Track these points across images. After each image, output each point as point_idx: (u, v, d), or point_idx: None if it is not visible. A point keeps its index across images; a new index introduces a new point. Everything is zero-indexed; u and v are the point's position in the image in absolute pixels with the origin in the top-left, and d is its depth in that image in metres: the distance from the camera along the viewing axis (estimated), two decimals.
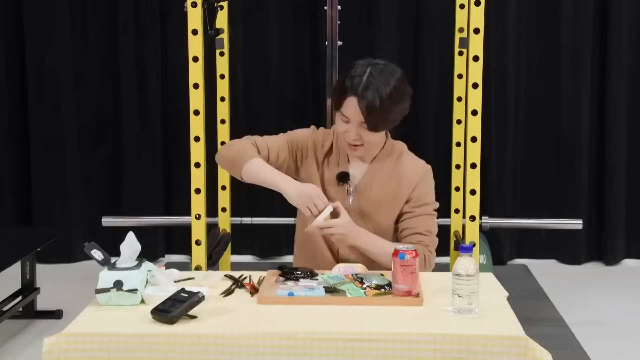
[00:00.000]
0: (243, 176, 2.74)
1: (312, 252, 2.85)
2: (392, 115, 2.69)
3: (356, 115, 2.66)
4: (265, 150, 2.80)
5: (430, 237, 2.78)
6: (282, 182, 2.66)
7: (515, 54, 5.53)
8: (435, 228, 2.83)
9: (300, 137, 2.89)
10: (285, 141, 2.86)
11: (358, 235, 2.69)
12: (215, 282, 2.50)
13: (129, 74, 5.58)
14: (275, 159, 2.81)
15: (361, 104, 2.63)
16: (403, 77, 2.71)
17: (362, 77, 2.64)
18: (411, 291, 2.31)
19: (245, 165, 2.71)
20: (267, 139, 2.86)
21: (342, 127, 2.73)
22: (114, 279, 2.26)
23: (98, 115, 5.66)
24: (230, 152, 2.79)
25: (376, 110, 2.62)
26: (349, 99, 2.66)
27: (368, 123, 2.66)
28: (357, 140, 2.71)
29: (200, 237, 3.25)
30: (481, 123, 3.37)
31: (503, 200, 5.61)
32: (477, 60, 3.31)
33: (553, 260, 5.74)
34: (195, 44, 3.17)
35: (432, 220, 2.82)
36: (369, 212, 2.79)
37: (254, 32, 5.52)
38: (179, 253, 5.77)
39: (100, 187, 5.71)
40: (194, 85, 3.18)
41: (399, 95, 2.67)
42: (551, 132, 5.59)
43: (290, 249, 3.01)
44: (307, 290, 2.36)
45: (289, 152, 2.85)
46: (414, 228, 2.77)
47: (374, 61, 2.71)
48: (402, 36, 5.49)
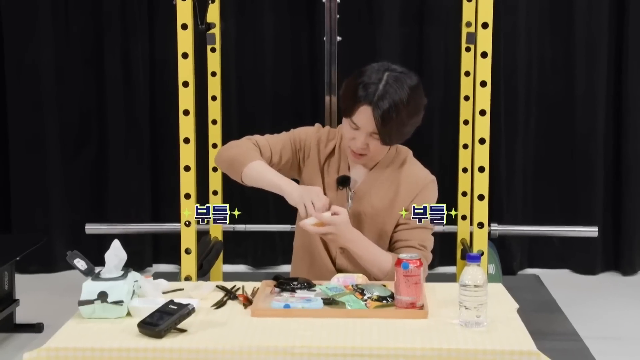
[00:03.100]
0: (244, 179, 2.75)
1: (311, 258, 2.86)
2: (406, 129, 2.70)
3: (368, 125, 2.65)
4: (267, 152, 2.80)
5: (424, 252, 2.77)
6: (284, 183, 2.67)
7: (526, 49, 5.54)
8: (431, 243, 2.82)
9: (304, 135, 2.89)
10: (288, 140, 2.87)
11: (351, 238, 2.68)
12: (206, 293, 2.50)
13: (114, 71, 5.58)
14: (278, 160, 2.82)
15: (376, 114, 2.62)
16: (420, 86, 2.70)
17: (378, 85, 2.63)
18: (415, 303, 2.31)
19: (246, 167, 2.72)
20: (269, 138, 2.87)
21: (349, 134, 2.73)
22: (98, 290, 2.26)
23: (81, 115, 5.66)
24: (230, 153, 2.80)
25: (392, 122, 2.62)
26: (362, 108, 2.65)
27: (381, 135, 2.65)
28: (363, 149, 2.72)
29: (190, 245, 3.25)
30: (490, 123, 3.37)
31: (513, 205, 5.62)
32: (486, 57, 3.31)
33: (566, 270, 5.74)
34: (185, 39, 3.17)
35: (428, 234, 2.82)
36: (366, 219, 2.80)
37: (248, 27, 5.52)
38: (167, 262, 5.76)
39: (84, 192, 5.71)
40: (184, 84, 3.18)
41: (415, 107, 2.68)
42: (564, 133, 5.59)
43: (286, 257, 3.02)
44: (304, 302, 2.36)
45: (292, 151, 2.86)
46: (407, 240, 2.78)
47: (391, 67, 2.69)
48: (406, 31, 5.50)
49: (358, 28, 5.34)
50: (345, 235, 2.65)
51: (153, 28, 5.57)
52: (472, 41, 3.76)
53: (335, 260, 2.84)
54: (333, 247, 2.83)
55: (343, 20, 4.26)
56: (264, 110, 5.55)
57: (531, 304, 4.63)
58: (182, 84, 3.19)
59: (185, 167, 3.21)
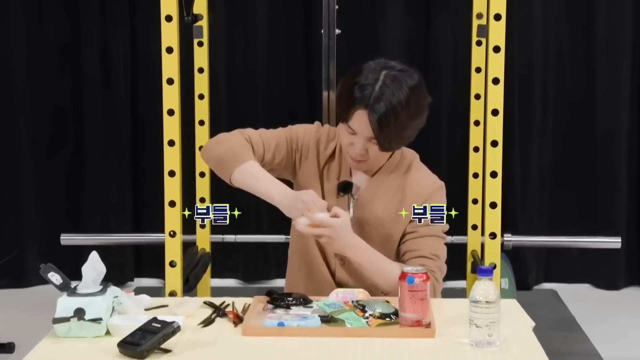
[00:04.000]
0: (233, 181, 2.73)
1: (307, 270, 2.85)
2: (407, 132, 2.68)
3: (365, 130, 2.64)
4: (260, 149, 2.80)
5: (437, 262, 2.77)
6: (275, 192, 2.64)
7: (543, 43, 5.54)
8: (444, 252, 2.82)
9: (302, 134, 2.88)
10: (284, 138, 2.86)
11: (350, 244, 2.65)
12: (192, 310, 2.50)
13: (92, 66, 5.58)
14: (271, 159, 2.81)
15: (372, 119, 2.60)
16: (421, 84, 2.69)
17: (374, 85, 2.62)
18: (421, 321, 2.31)
19: (237, 169, 2.70)
20: (263, 134, 2.86)
21: (346, 139, 2.72)
22: (75, 306, 2.26)
23: (56, 114, 5.66)
24: (219, 150, 2.78)
25: (390, 126, 2.61)
26: (358, 112, 2.63)
27: (379, 141, 2.64)
28: (362, 155, 2.71)
29: (175, 257, 3.25)
30: (503, 124, 3.37)
31: (528, 214, 5.62)
32: (498, 52, 3.32)
33: (587, 285, 5.75)
34: (169, 32, 3.17)
35: (440, 243, 2.81)
36: (369, 229, 2.79)
37: (238, 18, 5.53)
38: (150, 276, 5.76)
39: (59, 199, 5.70)
40: (168, 81, 3.18)
41: (416, 107, 2.66)
42: (584, 135, 5.60)
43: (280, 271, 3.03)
44: (300, 319, 2.36)
45: (287, 151, 2.85)
46: (417, 250, 2.76)
47: (389, 64, 2.68)
48: (410, 23, 5.50)
49: (358, 20, 5.34)
50: (344, 240, 2.61)
51: (134, 20, 5.57)
52: (484, 34, 3.76)
53: (335, 273, 2.83)
54: (332, 258, 2.82)
55: (342, 11, 4.26)
56: (256, 110, 5.56)
57: (548, 321, 4.64)
58: (167, 81, 3.19)
59: (169, 172, 3.21)
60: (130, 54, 5.60)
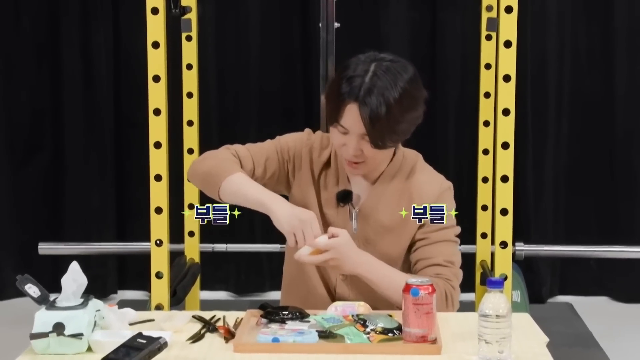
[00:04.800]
0: (221, 196, 2.72)
1: (305, 289, 2.85)
2: (401, 126, 2.67)
3: (356, 126, 2.63)
4: (249, 163, 2.79)
5: (452, 269, 2.76)
6: (270, 200, 2.64)
7: (558, 38, 5.55)
8: (458, 258, 2.81)
9: (293, 143, 2.88)
10: (273, 150, 2.85)
11: (359, 261, 2.65)
12: (180, 324, 2.50)
13: (72, 63, 5.58)
14: (262, 173, 2.81)
15: (363, 113, 2.60)
16: (416, 76, 2.68)
17: (364, 77, 2.62)
18: (426, 336, 2.31)
19: (225, 181, 2.70)
20: (251, 148, 2.86)
21: (338, 140, 2.71)
22: (54, 320, 2.26)
23: (33, 116, 5.66)
24: (205, 166, 2.78)
25: (382, 120, 2.60)
26: (348, 107, 2.63)
27: (372, 137, 2.63)
28: (358, 157, 2.70)
29: (162, 268, 3.26)
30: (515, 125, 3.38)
31: (542, 221, 5.63)
32: (510, 47, 3.33)
33: (605, 298, 5.75)
34: (155, 26, 3.18)
35: (454, 248, 2.80)
36: (375, 240, 2.79)
37: (230, 11, 5.53)
38: (135, 289, 5.76)
39: (37, 206, 5.70)
40: (154, 78, 3.19)
41: (410, 101, 2.65)
42: (602, 137, 5.60)
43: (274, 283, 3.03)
44: (296, 335, 2.36)
45: (278, 163, 2.85)
46: (430, 258, 2.75)
47: (379, 56, 2.68)
48: (415, 16, 5.51)
49: (359, 12, 5.35)
50: (351, 259, 2.61)
51: (118, 13, 5.57)
52: (494, 28, 3.77)
53: (335, 289, 2.82)
54: (332, 274, 2.82)
55: (341, 3, 4.27)
56: (249, 109, 5.56)
57: (563, 337, 4.64)
58: (153, 78, 3.19)
59: (156, 176, 3.22)
60: (114, 50, 5.60)
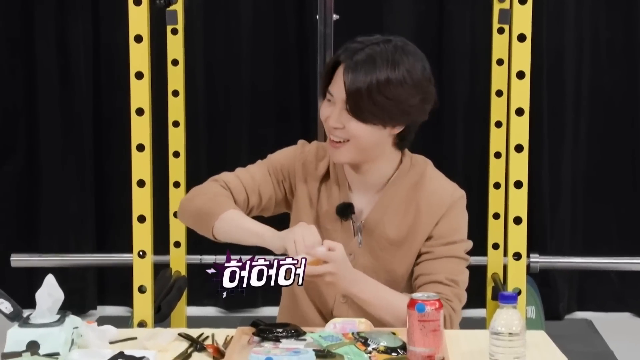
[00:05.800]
0: (216, 235, 2.72)
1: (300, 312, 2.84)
2: (385, 103, 2.61)
3: (340, 90, 2.63)
4: (241, 193, 2.79)
5: (454, 289, 2.73)
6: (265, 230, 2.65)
7: (576, 31, 5.56)
8: (464, 277, 2.78)
9: (285, 161, 2.87)
10: (266, 172, 2.84)
11: (353, 279, 2.62)
12: (165, 343, 2.50)
13: (47, 58, 5.58)
14: (258, 202, 2.81)
15: (347, 66, 2.60)
16: (425, 68, 2.66)
17: (366, 45, 2.63)
18: (433, 356, 2.31)
19: (218, 220, 2.69)
20: (241, 175, 2.84)
21: (324, 112, 2.71)
22: (28, 339, 2.26)
23: (5, 115, 5.67)
24: (195, 205, 2.78)
25: (365, 86, 2.58)
26: (338, 70, 2.65)
27: (349, 101, 2.61)
28: (337, 128, 2.67)
29: (145, 281, 3.26)
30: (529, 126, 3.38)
31: (559, 231, 5.63)
32: (524, 41, 3.33)
33: (627, 314, 5.76)
34: (138, 18, 3.18)
35: (460, 266, 2.77)
36: (380, 256, 2.78)
37: (219, 2, 5.54)
38: (115, 304, 5.76)
39: (9, 214, 5.70)
40: (137, 75, 3.19)
41: (409, 84, 2.61)
42: (624, 139, 5.61)
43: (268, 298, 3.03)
44: (292, 354, 2.36)
45: (273, 185, 2.84)
46: (431, 274, 2.72)
47: (390, 37, 2.68)
48: (421, 8, 5.52)
49: (360, 3, 5.35)
50: (345, 275, 2.59)
51: (97, 4, 5.58)
52: (507, 20, 3.77)
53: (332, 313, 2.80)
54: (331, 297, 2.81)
55: None
56: (240, 109, 5.56)
57: (582, 356, 4.65)
58: (135, 75, 3.20)
59: (138, 181, 3.22)
60: (93, 44, 5.60)
